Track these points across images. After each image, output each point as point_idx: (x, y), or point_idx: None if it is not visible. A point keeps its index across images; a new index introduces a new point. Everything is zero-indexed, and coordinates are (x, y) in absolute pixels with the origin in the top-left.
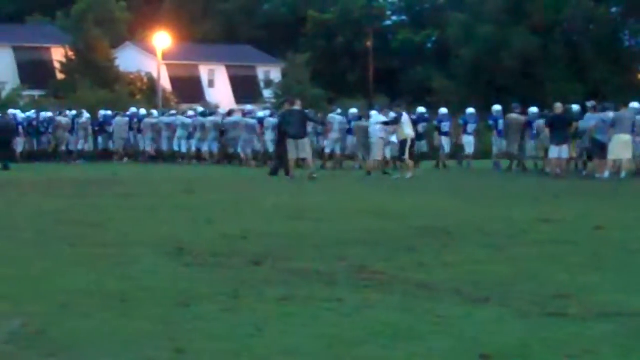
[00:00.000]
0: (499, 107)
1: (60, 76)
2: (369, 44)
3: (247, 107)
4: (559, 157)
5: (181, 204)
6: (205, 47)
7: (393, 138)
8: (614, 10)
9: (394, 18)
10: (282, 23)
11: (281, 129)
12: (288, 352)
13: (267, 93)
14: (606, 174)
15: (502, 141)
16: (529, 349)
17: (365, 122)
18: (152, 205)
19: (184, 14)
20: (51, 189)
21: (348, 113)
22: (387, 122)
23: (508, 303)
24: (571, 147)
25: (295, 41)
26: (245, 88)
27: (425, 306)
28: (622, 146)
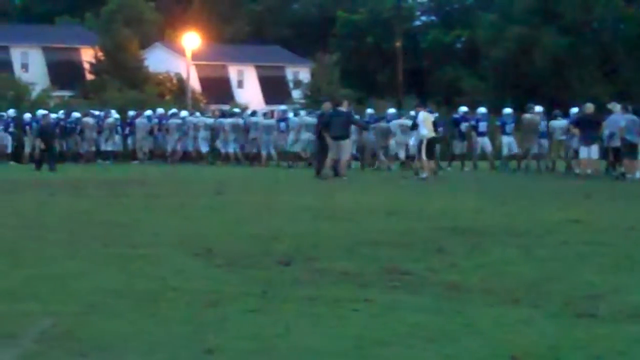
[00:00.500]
0: (510, 110)
1: (89, 77)
2: (399, 44)
3: (281, 107)
4: (589, 157)
5: (210, 205)
6: (234, 48)
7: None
8: None
9: (423, 18)
10: (311, 23)
11: (321, 129)
12: (316, 353)
13: (296, 93)
14: (637, 175)
15: (512, 143)
16: (560, 351)
17: (384, 124)
18: (182, 205)
19: (213, 14)
20: (80, 190)
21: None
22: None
23: (538, 304)
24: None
25: (324, 41)
26: (274, 88)
27: (455, 307)
28: None
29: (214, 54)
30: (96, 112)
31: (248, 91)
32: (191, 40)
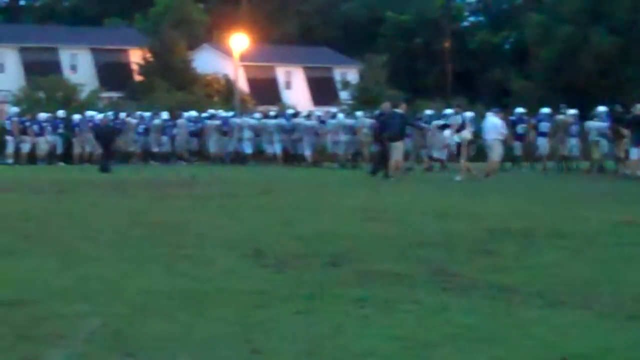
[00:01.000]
0: (547, 110)
1: (138, 78)
2: (447, 45)
3: (332, 109)
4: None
5: (258, 205)
6: (282, 49)
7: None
8: None
9: (472, 19)
10: (360, 24)
11: (377, 130)
12: (364, 354)
13: (344, 95)
14: None
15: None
16: (610, 352)
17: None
18: (229, 206)
19: (262, 15)
20: (129, 191)
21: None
22: (445, 125)
23: (588, 306)
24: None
25: (372, 42)
26: (322, 90)
27: (504, 309)
28: None
29: (262, 55)
30: (145, 113)
31: (296, 92)
32: (239, 41)
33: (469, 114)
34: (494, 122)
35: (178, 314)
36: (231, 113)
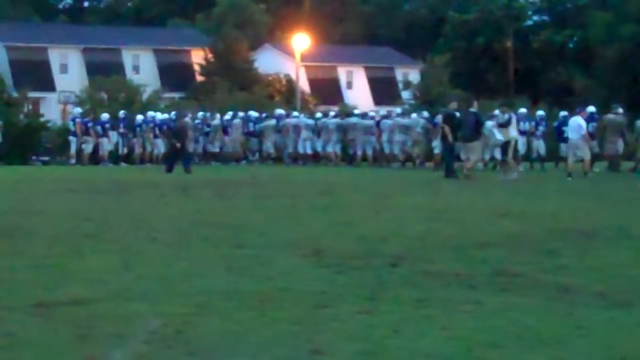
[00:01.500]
0: (565, 113)
1: (199, 78)
2: (509, 44)
3: (397, 110)
4: None
5: (318, 205)
6: (343, 49)
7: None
8: None
9: (535, 18)
10: (422, 24)
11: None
12: (426, 355)
13: (406, 94)
14: None
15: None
16: None
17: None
18: (289, 206)
19: (323, 16)
20: (190, 190)
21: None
22: (501, 125)
23: None
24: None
25: (434, 42)
26: (383, 89)
27: (567, 310)
28: None
29: (324, 55)
30: (199, 113)
31: (357, 92)
32: (301, 41)
33: (515, 113)
34: (579, 122)
35: (238, 314)
36: (295, 113)
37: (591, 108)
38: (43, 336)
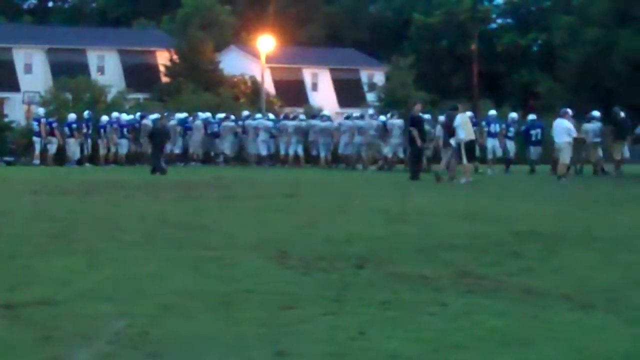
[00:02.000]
0: (533, 116)
1: (164, 79)
2: (474, 47)
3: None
4: None
5: (283, 207)
6: (309, 51)
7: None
8: None
9: (499, 21)
10: (387, 26)
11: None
12: (391, 356)
13: (371, 96)
14: None
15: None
16: (636, 358)
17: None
18: (254, 208)
19: (288, 17)
20: (154, 191)
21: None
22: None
23: (616, 310)
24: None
25: (399, 44)
26: (348, 91)
27: (532, 312)
28: None
29: (289, 57)
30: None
31: (322, 94)
32: (266, 43)
33: (459, 116)
34: (565, 125)
35: (204, 315)
36: (258, 115)
37: (596, 113)
38: (8, 336)
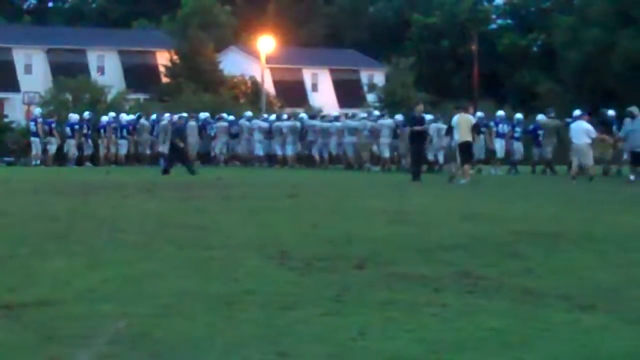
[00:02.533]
0: (502, 113)
1: (164, 80)
2: (474, 48)
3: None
4: None
5: (283, 207)
6: (309, 51)
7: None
8: None
9: (500, 21)
10: (387, 26)
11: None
12: (391, 357)
13: (371, 97)
14: None
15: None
16: (636, 358)
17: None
18: (255, 208)
19: (289, 18)
20: (154, 192)
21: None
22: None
23: (616, 310)
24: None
25: (399, 45)
26: (348, 92)
27: (531, 312)
28: None
29: (289, 58)
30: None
31: (322, 95)
32: (266, 43)
33: (457, 117)
34: (584, 126)
35: (204, 316)
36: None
37: (611, 112)
38: (8, 337)
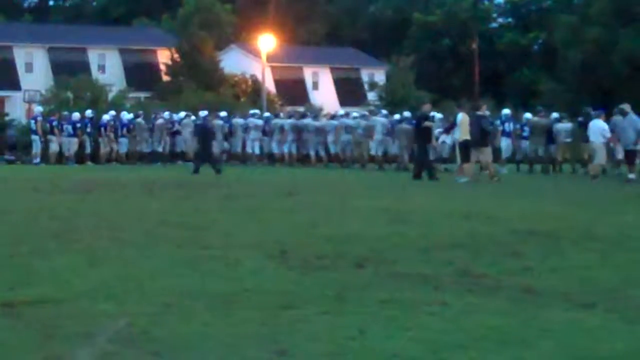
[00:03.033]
0: (508, 111)
1: (165, 78)
2: (474, 46)
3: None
4: None
5: (282, 206)
6: (309, 50)
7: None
8: None
9: (500, 20)
10: (387, 25)
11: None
12: (391, 356)
13: (371, 95)
14: None
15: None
16: (636, 357)
17: (407, 125)
18: (255, 207)
19: (289, 16)
20: (154, 190)
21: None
22: (446, 128)
23: (616, 309)
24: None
25: (399, 43)
26: (349, 90)
27: (531, 311)
28: None
29: (290, 56)
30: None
31: (323, 93)
32: (267, 42)
33: (459, 115)
34: (600, 126)
35: (204, 314)
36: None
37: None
38: (9, 336)
